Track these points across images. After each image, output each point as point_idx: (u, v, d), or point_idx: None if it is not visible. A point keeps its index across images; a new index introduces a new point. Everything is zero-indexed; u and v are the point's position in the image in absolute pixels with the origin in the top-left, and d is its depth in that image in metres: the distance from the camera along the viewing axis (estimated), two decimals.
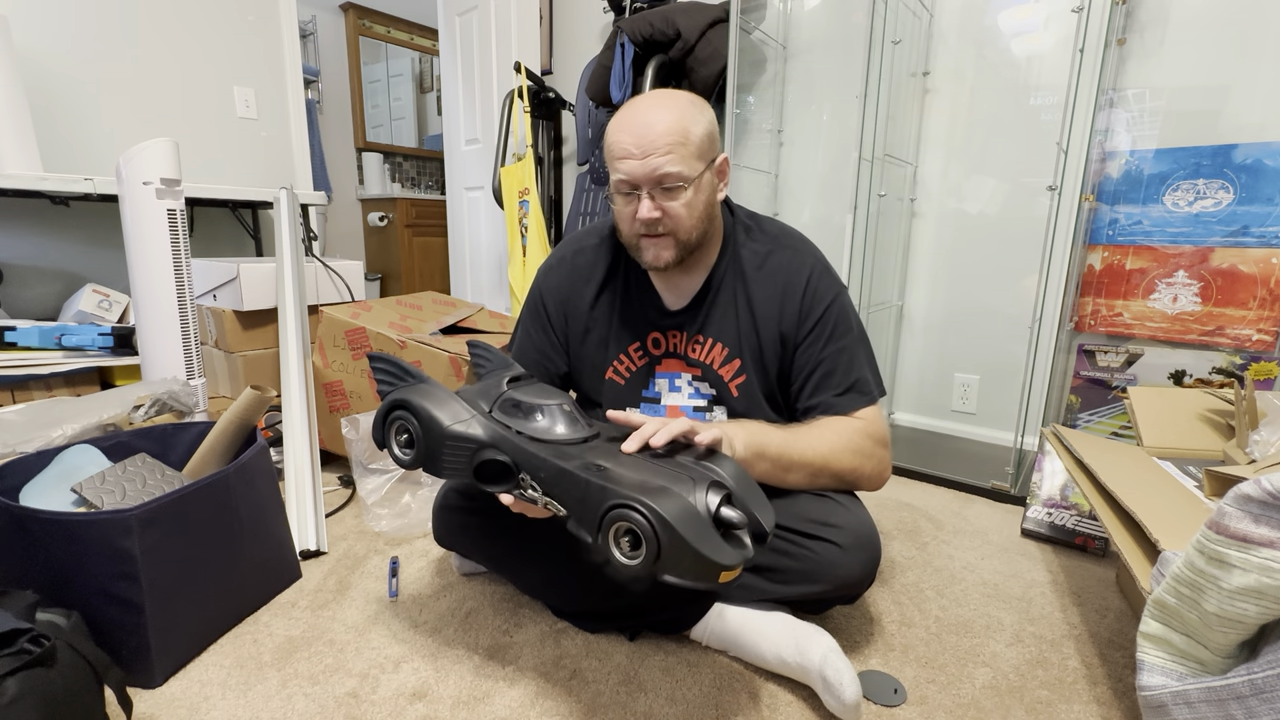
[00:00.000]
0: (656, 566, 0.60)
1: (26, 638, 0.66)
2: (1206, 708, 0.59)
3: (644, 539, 0.60)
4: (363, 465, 1.35)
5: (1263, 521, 0.55)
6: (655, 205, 0.84)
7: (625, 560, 0.62)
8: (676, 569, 0.60)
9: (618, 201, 0.88)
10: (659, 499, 0.61)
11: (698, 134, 0.84)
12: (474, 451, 0.72)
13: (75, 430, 1.09)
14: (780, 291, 0.93)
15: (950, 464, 1.68)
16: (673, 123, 0.82)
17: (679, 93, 0.88)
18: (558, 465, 0.67)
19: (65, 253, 2.04)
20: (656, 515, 0.59)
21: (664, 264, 0.89)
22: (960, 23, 1.77)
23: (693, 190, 0.85)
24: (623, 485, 0.63)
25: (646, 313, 0.99)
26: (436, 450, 0.73)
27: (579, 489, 0.65)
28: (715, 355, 0.97)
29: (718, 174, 0.90)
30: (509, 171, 2.34)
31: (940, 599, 1.11)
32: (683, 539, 0.58)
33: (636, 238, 0.89)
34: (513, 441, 0.71)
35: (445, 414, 0.73)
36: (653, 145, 0.82)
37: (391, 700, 0.85)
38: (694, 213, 0.86)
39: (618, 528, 0.62)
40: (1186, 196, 1.52)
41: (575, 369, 1.04)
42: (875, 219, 1.77)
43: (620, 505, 0.61)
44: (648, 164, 0.82)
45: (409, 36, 3.74)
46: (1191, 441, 1.07)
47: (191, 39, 2.24)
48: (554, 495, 0.68)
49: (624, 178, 0.84)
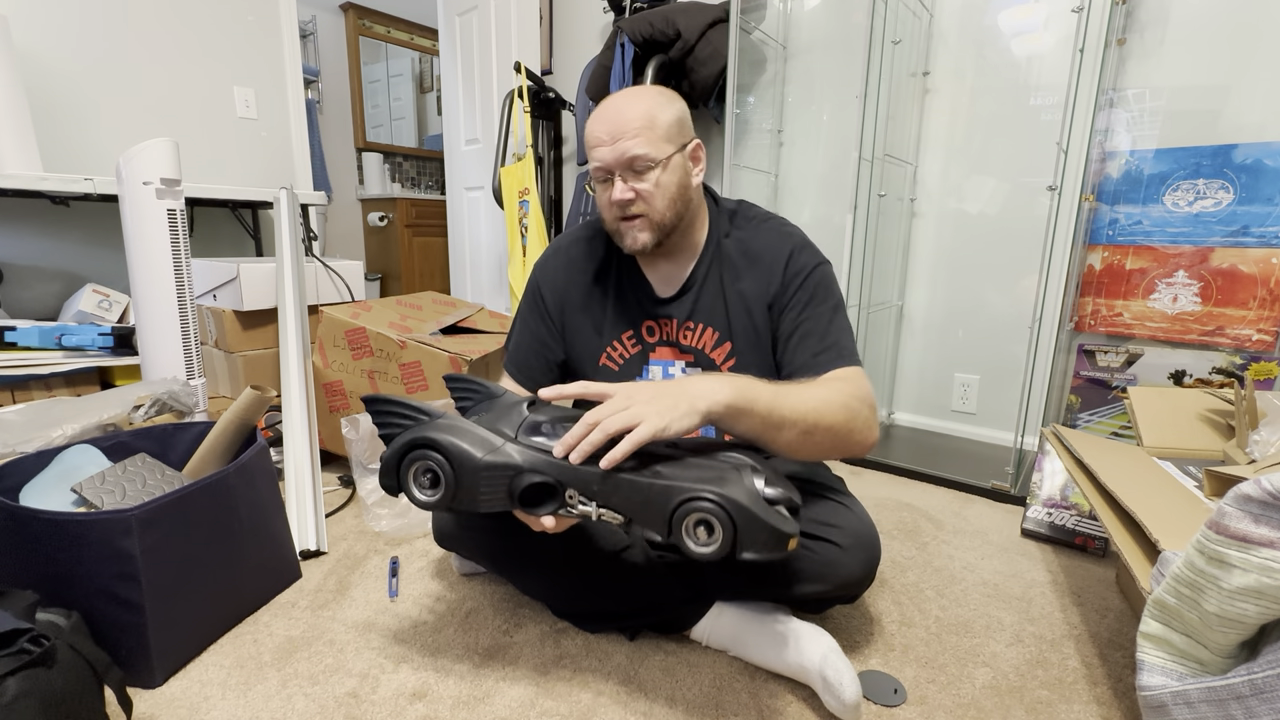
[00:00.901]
0: (735, 547, 0.65)
1: (26, 638, 0.66)
2: (1206, 708, 0.59)
3: (719, 524, 0.65)
4: (363, 465, 1.35)
5: (1263, 521, 0.55)
6: (628, 187, 0.89)
7: (699, 549, 0.66)
8: (753, 546, 0.65)
9: (598, 190, 0.93)
10: (723, 486, 0.66)
11: (665, 119, 0.89)
12: (512, 479, 0.70)
13: (75, 430, 1.09)
14: (767, 269, 0.96)
15: (950, 464, 1.68)
16: (641, 110, 0.88)
17: (649, 87, 0.95)
18: (614, 475, 0.68)
19: (65, 253, 2.04)
20: (729, 500, 0.64)
21: (642, 246, 0.92)
22: (960, 23, 1.77)
23: (661, 170, 0.89)
24: (681, 481, 0.67)
25: (639, 301, 1.01)
26: (473, 484, 0.71)
27: (639, 493, 0.68)
28: (706, 340, 0.98)
29: (691, 158, 0.93)
30: (509, 171, 2.34)
31: (940, 599, 1.11)
32: (756, 516, 0.64)
33: (616, 222, 0.93)
34: (552, 461, 0.70)
35: (476, 446, 0.71)
36: (622, 131, 0.87)
37: (391, 700, 0.85)
38: (666, 193, 0.90)
39: (691, 520, 0.66)
40: (1186, 196, 1.52)
41: (571, 356, 1.05)
42: (875, 219, 1.77)
43: (690, 499, 0.65)
44: (617, 148, 0.87)
45: (409, 36, 3.74)
46: (1191, 441, 1.07)
47: (191, 39, 2.24)
48: (611, 505, 0.69)
49: (599, 164, 0.90)
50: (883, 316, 1.93)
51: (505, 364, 1.07)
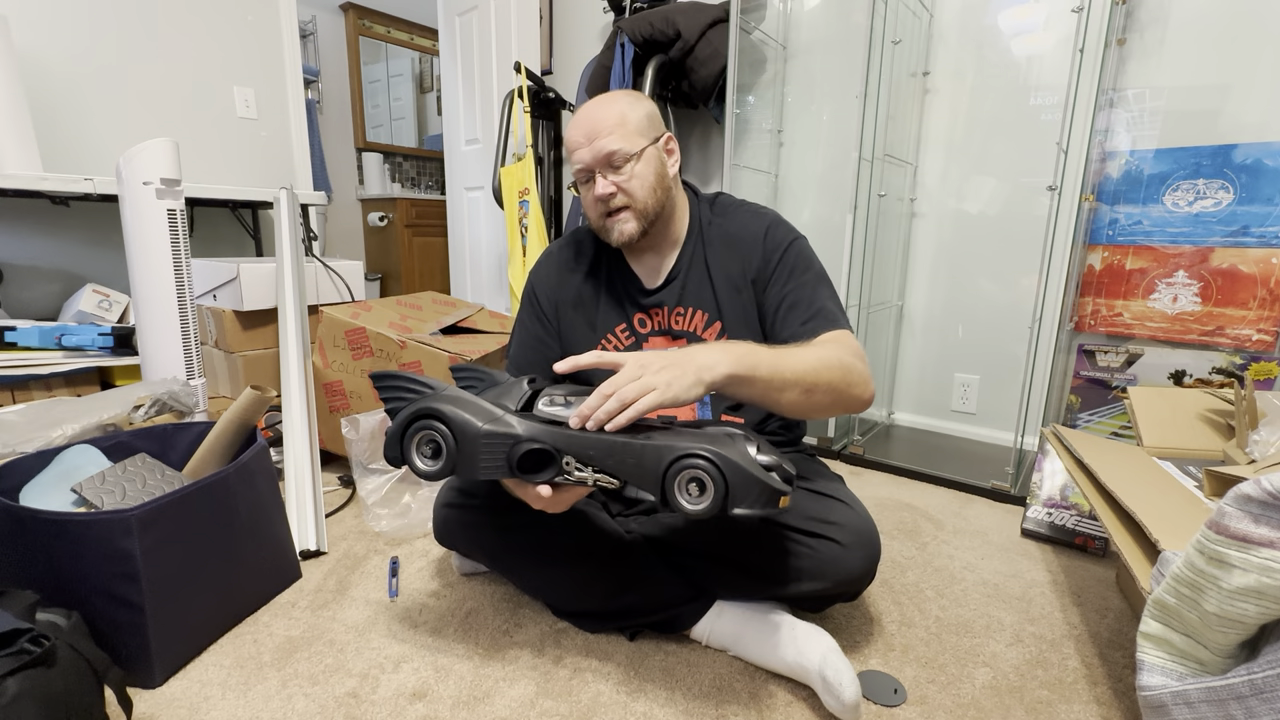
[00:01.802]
0: (727, 502, 0.67)
1: (26, 638, 0.66)
2: (1206, 708, 0.59)
3: (710, 480, 0.67)
4: (363, 465, 1.35)
5: (1263, 521, 0.55)
6: (609, 181, 0.94)
7: (692, 506, 0.68)
8: (745, 501, 0.67)
9: (582, 192, 0.97)
10: (716, 444, 0.68)
11: (635, 116, 0.94)
12: (511, 446, 0.73)
13: (75, 430, 1.09)
14: (746, 248, 1.00)
15: (950, 464, 1.68)
16: (612, 111, 0.94)
17: (619, 91, 1.02)
18: (607, 439, 0.71)
19: (65, 253, 2.04)
20: (720, 456, 0.67)
21: (629, 237, 0.96)
22: (960, 23, 1.77)
23: (637, 161, 0.94)
24: (676, 442, 0.69)
25: (630, 295, 1.04)
26: (473, 452, 0.73)
27: (634, 455, 0.70)
28: (697, 322, 1.01)
29: (664, 150, 0.98)
30: (509, 171, 2.34)
31: (940, 599, 1.11)
32: (747, 472, 0.66)
33: (601, 219, 0.97)
34: (551, 430, 0.73)
35: (477, 415, 0.74)
36: (596, 131, 0.93)
37: (391, 700, 0.85)
38: (644, 183, 0.94)
39: (683, 477, 0.68)
40: (1186, 196, 1.52)
41: (568, 353, 1.05)
42: (875, 219, 1.77)
43: (684, 456, 0.68)
44: (594, 147, 0.92)
45: (409, 36, 3.74)
46: (1191, 441, 1.07)
47: (191, 39, 2.24)
48: (606, 469, 0.71)
49: (580, 166, 0.94)
50: (883, 316, 1.93)
51: (506, 368, 1.08)
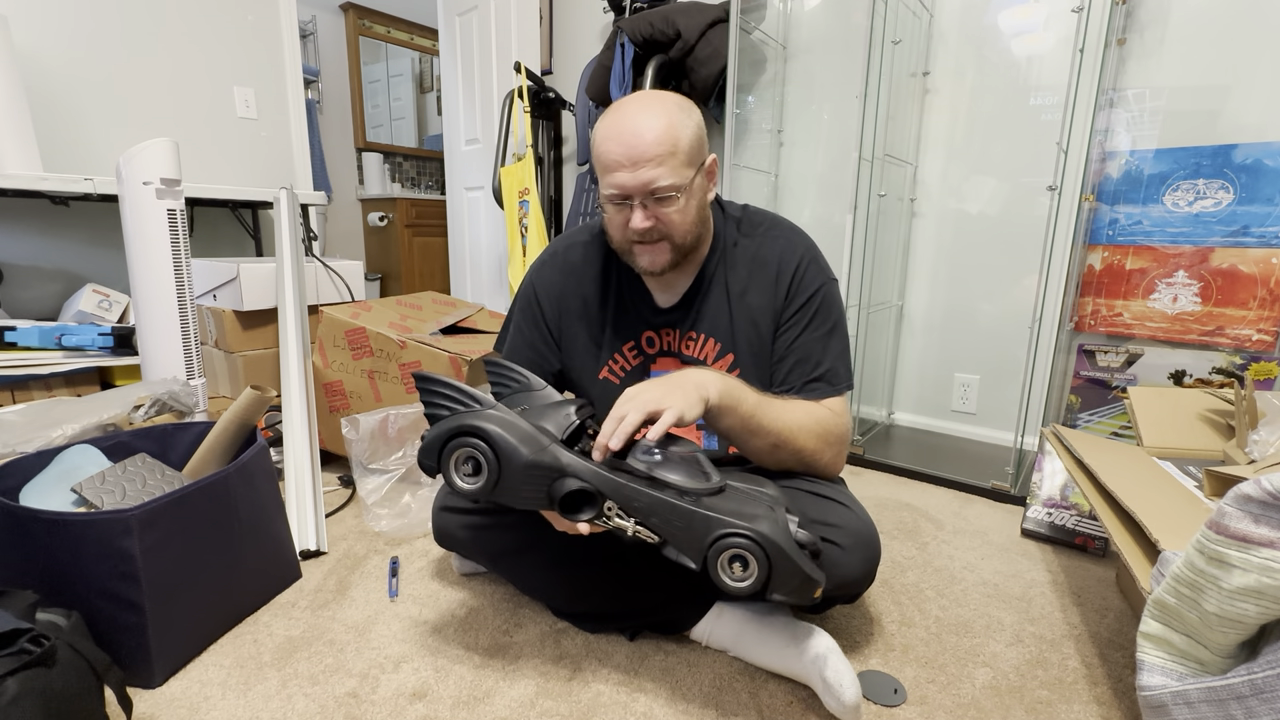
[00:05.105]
0: (767, 587, 0.66)
1: (26, 638, 0.66)
2: (1206, 708, 0.59)
3: (755, 562, 0.66)
4: (363, 465, 1.35)
5: (1263, 521, 0.55)
6: (648, 214, 0.84)
7: (732, 583, 0.67)
8: (784, 588, 0.66)
9: (609, 210, 0.87)
10: (764, 524, 0.66)
11: (687, 140, 0.83)
12: (553, 481, 0.70)
13: (75, 430, 1.09)
14: (773, 278, 0.94)
15: (950, 464, 1.68)
16: (662, 131, 0.81)
17: (666, 96, 0.86)
18: (654, 496, 0.69)
19: (65, 253, 2.04)
20: (768, 541, 0.66)
21: (660, 269, 0.89)
22: (960, 23, 1.77)
23: (685, 198, 0.84)
24: (723, 513, 0.68)
25: (640, 311, 0.99)
26: (515, 481, 0.70)
27: (682, 518, 0.69)
28: (709, 351, 0.97)
29: (707, 175, 0.89)
30: (509, 171, 2.34)
31: (940, 599, 1.11)
32: (791, 559, 0.65)
33: (629, 244, 0.89)
34: (598, 471, 0.71)
35: (524, 443, 0.70)
36: (643, 156, 0.80)
37: (391, 700, 0.85)
38: (687, 218, 0.86)
39: (727, 555, 0.67)
40: (1186, 196, 1.52)
41: (568, 366, 1.03)
42: (875, 219, 1.77)
43: (730, 534, 0.66)
44: (639, 176, 0.81)
45: (409, 36, 3.74)
46: (1191, 441, 1.07)
47: (191, 39, 2.24)
48: (649, 525, 0.70)
49: (616, 190, 0.83)
50: (883, 316, 1.93)
51: None
